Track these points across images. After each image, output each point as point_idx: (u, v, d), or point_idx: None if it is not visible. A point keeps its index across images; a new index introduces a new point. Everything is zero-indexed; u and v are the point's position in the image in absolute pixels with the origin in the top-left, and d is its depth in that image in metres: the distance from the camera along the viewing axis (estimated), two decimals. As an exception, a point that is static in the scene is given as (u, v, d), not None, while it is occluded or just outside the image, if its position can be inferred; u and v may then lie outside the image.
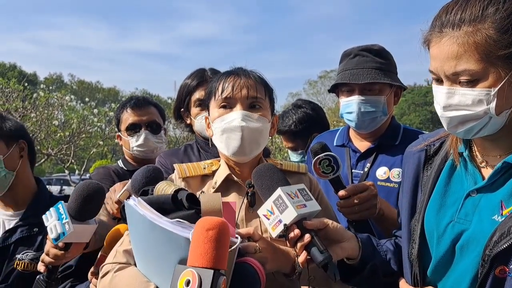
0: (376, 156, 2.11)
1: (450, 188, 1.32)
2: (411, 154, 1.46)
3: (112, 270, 1.38)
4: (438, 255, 1.28)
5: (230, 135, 1.50)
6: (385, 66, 2.08)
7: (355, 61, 2.08)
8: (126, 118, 2.50)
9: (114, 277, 1.36)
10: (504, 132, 1.20)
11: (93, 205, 1.63)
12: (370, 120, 2.07)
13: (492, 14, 1.12)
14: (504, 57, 1.11)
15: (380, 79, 2.02)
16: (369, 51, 2.09)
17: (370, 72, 2.03)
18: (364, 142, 2.18)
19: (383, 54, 2.11)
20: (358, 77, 2.02)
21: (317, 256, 1.25)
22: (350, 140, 2.22)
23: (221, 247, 1.03)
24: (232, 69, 1.61)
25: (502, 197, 1.18)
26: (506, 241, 1.10)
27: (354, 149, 2.18)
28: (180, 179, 1.57)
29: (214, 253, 1.01)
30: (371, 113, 2.05)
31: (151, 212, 1.23)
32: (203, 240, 1.03)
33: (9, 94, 12.58)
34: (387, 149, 2.11)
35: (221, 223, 1.06)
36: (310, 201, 1.33)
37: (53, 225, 1.59)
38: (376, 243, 1.49)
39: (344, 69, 2.10)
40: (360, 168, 2.13)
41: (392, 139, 2.12)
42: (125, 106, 2.54)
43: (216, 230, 1.04)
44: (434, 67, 1.21)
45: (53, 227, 1.59)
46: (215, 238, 1.03)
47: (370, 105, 2.04)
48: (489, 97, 1.13)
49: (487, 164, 1.27)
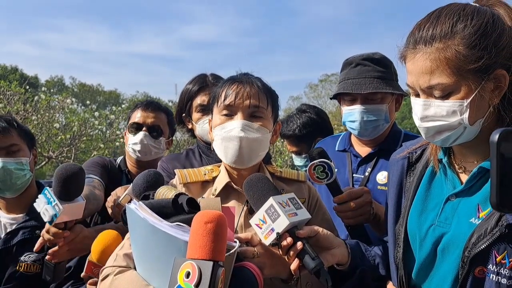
0: (376, 161, 2.14)
1: (431, 193, 1.38)
2: (395, 161, 1.53)
3: (112, 274, 1.40)
4: (421, 258, 1.34)
5: (229, 144, 1.52)
6: (386, 74, 2.10)
7: (356, 70, 2.11)
8: (133, 116, 2.54)
9: (114, 280, 1.37)
10: (480, 139, 1.26)
11: (74, 184, 1.75)
12: (373, 128, 2.10)
13: (461, 30, 1.18)
14: (473, 71, 1.17)
15: (382, 88, 2.05)
16: (370, 60, 2.11)
17: (372, 82, 2.05)
18: (365, 148, 2.21)
19: (384, 62, 2.13)
20: (361, 86, 2.05)
21: (309, 263, 1.28)
22: (351, 145, 2.25)
23: (220, 240, 1.06)
24: (237, 76, 1.62)
25: (479, 200, 1.24)
26: (483, 242, 1.16)
27: (355, 154, 2.21)
28: (181, 185, 1.59)
29: (213, 245, 1.04)
30: (374, 121, 2.08)
31: (152, 216, 1.25)
32: (201, 233, 1.06)
33: (11, 97, 12.61)
34: (387, 154, 2.11)
35: (219, 216, 1.09)
36: (300, 209, 1.37)
37: (44, 209, 1.70)
38: (365, 249, 1.53)
39: (346, 78, 2.13)
40: (361, 173, 2.16)
41: (393, 144, 2.15)
42: (137, 106, 2.59)
43: (215, 223, 1.07)
44: (410, 81, 1.27)
45: (45, 211, 1.70)
46: (213, 230, 1.06)
47: (373, 114, 2.07)
48: (462, 108, 1.19)
49: (465, 169, 1.33)
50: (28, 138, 2.15)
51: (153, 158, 2.52)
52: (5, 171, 1.99)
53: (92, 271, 1.67)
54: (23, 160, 2.05)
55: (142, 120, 2.51)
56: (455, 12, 1.21)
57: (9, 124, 2.06)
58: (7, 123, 2.05)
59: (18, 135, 2.08)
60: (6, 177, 2.00)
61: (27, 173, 2.07)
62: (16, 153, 2.04)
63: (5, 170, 1.99)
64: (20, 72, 48.60)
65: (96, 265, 1.65)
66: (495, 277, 1.16)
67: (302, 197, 1.62)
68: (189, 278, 0.99)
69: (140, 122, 2.50)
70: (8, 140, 2.03)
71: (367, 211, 1.75)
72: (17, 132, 2.08)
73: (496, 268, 1.16)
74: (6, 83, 13.32)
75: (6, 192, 2.06)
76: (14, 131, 2.07)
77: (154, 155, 2.53)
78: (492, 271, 1.16)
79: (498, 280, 1.15)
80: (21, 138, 2.10)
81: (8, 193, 2.06)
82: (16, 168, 2.02)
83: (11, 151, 2.03)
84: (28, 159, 2.09)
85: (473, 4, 1.26)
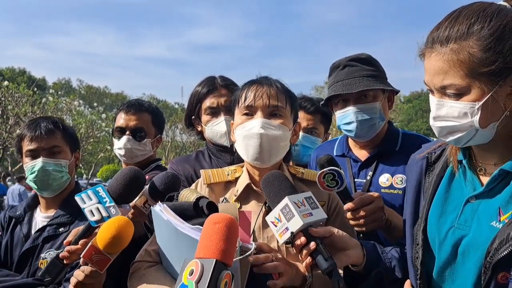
0: (377, 164, 2.12)
1: (451, 195, 1.36)
2: (414, 162, 1.51)
3: (141, 268, 1.49)
4: (440, 260, 1.32)
5: (249, 142, 1.56)
6: (375, 72, 2.09)
7: (345, 72, 2.08)
8: (117, 120, 2.55)
9: (143, 274, 1.45)
10: (497, 142, 1.25)
11: (137, 190, 1.65)
12: (369, 128, 2.08)
13: (477, 32, 1.16)
14: (487, 74, 1.16)
15: (373, 85, 2.03)
16: (357, 60, 2.10)
17: (362, 80, 2.04)
18: (363, 151, 2.18)
19: (371, 61, 2.11)
20: (351, 86, 2.02)
21: (322, 263, 1.29)
22: (349, 150, 2.22)
23: (226, 240, 1.07)
24: (256, 78, 1.67)
25: (500, 203, 1.22)
26: (505, 248, 1.13)
27: (355, 158, 2.18)
28: (205, 185, 1.64)
29: (219, 245, 1.05)
30: (369, 120, 2.06)
31: (174, 217, 1.31)
32: (209, 232, 1.08)
33: (19, 99, 12.73)
34: (387, 156, 2.12)
35: (228, 218, 1.11)
36: (316, 209, 1.37)
37: (94, 208, 1.56)
38: (381, 251, 1.52)
39: (336, 81, 2.10)
40: (363, 177, 2.13)
41: (391, 145, 2.13)
42: (120, 109, 2.58)
43: (223, 223, 1.09)
44: (426, 79, 1.27)
45: (94, 210, 1.56)
46: (221, 231, 1.07)
47: (367, 113, 2.05)
48: (473, 111, 1.18)
49: (485, 171, 1.31)
50: (72, 141, 2.20)
51: (140, 160, 2.52)
52: (44, 171, 2.05)
53: (91, 258, 1.43)
54: (62, 162, 2.10)
55: (125, 123, 2.50)
56: (474, 13, 1.19)
57: (54, 126, 2.12)
58: (53, 125, 2.12)
59: (62, 137, 2.14)
60: (44, 177, 2.06)
61: (64, 175, 2.11)
62: (57, 155, 2.10)
63: (44, 170, 2.05)
64: (28, 75, 49.00)
65: (98, 252, 1.43)
66: None
67: (321, 200, 1.62)
68: (192, 276, 1.01)
69: (123, 126, 2.50)
70: (51, 142, 2.09)
71: (380, 217, 1.72)
72: (62, 135, 2.14)
73: None
74: (14, 85, 13.43)
75: (44, 192, 2.12)
76: (58, 133, 2.12)
77: (141, 157, 2.53)
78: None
79: None
80: (65, 141, 2.15)
81: (45, 193, 2.12)
82: (54, 169, 2.07)
83: (52, 152, 2.09)
84: (68, 162, 2.13)
85: (498, 4, 1.23)
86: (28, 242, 2.03)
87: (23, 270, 1.98)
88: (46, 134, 2.07)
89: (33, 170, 2.05)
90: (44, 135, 2.07)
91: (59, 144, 2.11)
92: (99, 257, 1.43)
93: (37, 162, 2.05)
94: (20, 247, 2.04)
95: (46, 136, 2.07)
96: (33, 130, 2.08)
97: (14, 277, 1.91)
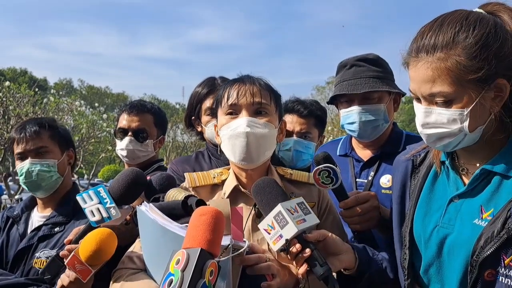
0: (379, 164, 2.11)
1: (435, 195, 1.39)
2: (399, 163, 1.53)
3: (123, 276, 1.41)
4: (427, 259, 1.35)
5: (236, 142, 1.50)
6: (382, 74, 2.08)
7: (352, 72, 2.09)
8: (119, 121, 2.55)
9: (125, 282, 1.38)
10: (481, 144, 1.28)
11: (138, 191, 1.63)
12: (372, 129, 2.07)
13: (462, 40, 1.19)
14: (474, 81, 1.18)
15: (378, 87, 2.03)
16: (364, 60, 2.09)
17: (368, 81, 2.04)
18: (366, 151, 2.18)
19: (379, 62, 2.11)
20: (357, 87, 2.03)
21: (318, 269, 1.29)
22: (353, 149, 2.22)
23: (212, 231, 1.08)
24: (238, 77, 1.62)
25: (482, 201, 1.25)
26: (490, 246, 1.17)
27: (357, 158, 2.18)
28: (190, 188, 1.58)
29: (205, 235, 1.06)
30: (373, 121, 2.05)
31: (161, 217, 1.28)
32: (196, 224, 1.09)
33: (20, 99, 12.72)
34: (390, 157, 2.07)
35: (215, 210, 1.12)
36: (309, 214, 1.37)
37: (95, 208, 1.56)
38: (372, 253, 1.53)
39: (342, 80, 2.11)
40: (364, 177, 2.13)
41: (394, 146, 2.12)
42: (123, 109, 2.58)
43: (209, 215, 1.10)
44: (412, 88, 1.28)
45: (94, 210, 1.56)
46: (207, 222, 1.08)
47: (371, 114, 2.04)
48: (462, 117, 1.21)
49: (467, 171, 1.33)
50: (62, 140, 2.19)
51: (142, 161, 2.52)
52: (31, 172, 2.06)
53: (74, 267, 1.43)
54: (50, 162, 2.10)
55: (127, 125, 2.50)
56: (458, 21, 1.21)
57: (40, 126, 2.12)
58: (39, 126, 2.11)
59: (49, 137, 2.13)
60: (32, 178, 2.06)
61: (53, 174, 2.10)
62: (45, 155, 2.10)
63: (31, 171, 2.06)
64: (30, 75, 49.07)
65: (80, 262, 1.43)
66: (505, 280, 1.16)
67: (312, 200, 1.61)
68: (178, 264, 1.02)
69: (126, 127, 2.50)
70: (37, 143, 2.09)
71: (374, 216, 1.71)
72: (49, 134, 2.13)
73: (505, 271, 1.16)
74: (15, 85, 13.43)
75: (36, 193, 2.13)
76: (44, 134, 2.12)
77: (143, 158, 2.53)
78: (502, 274, 1.17)
79: (508, 283, 1.16)
80: (53, 140, 2.14)
81: (38, 193, 2.13)
82: (41, 170, 2.07)
83: (39, 153, 2.09)
84: (57, 161, 2.12)
85: (477, 11, 1.26)
86: (24, 241, 2.03)
87: (17, 269, 1.99)
88: (31, 136, 2.08)
89: (21, 172, 2.07)
90: (29, 137, 2.08)
91: (45, 144, 2.11)
92: (81, 267, 1.43)
93: (24, 164, 2.07)
94: (15, 246, 2.05)
95: (31, 137, 2.08)
96: (19, 133, 2.10)
97: (7, 277, 1.91)
